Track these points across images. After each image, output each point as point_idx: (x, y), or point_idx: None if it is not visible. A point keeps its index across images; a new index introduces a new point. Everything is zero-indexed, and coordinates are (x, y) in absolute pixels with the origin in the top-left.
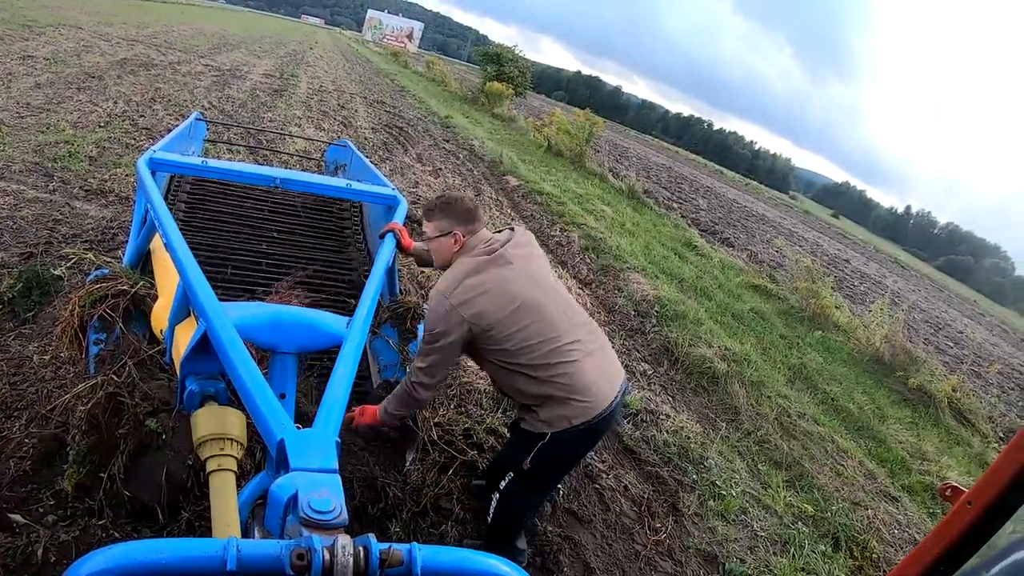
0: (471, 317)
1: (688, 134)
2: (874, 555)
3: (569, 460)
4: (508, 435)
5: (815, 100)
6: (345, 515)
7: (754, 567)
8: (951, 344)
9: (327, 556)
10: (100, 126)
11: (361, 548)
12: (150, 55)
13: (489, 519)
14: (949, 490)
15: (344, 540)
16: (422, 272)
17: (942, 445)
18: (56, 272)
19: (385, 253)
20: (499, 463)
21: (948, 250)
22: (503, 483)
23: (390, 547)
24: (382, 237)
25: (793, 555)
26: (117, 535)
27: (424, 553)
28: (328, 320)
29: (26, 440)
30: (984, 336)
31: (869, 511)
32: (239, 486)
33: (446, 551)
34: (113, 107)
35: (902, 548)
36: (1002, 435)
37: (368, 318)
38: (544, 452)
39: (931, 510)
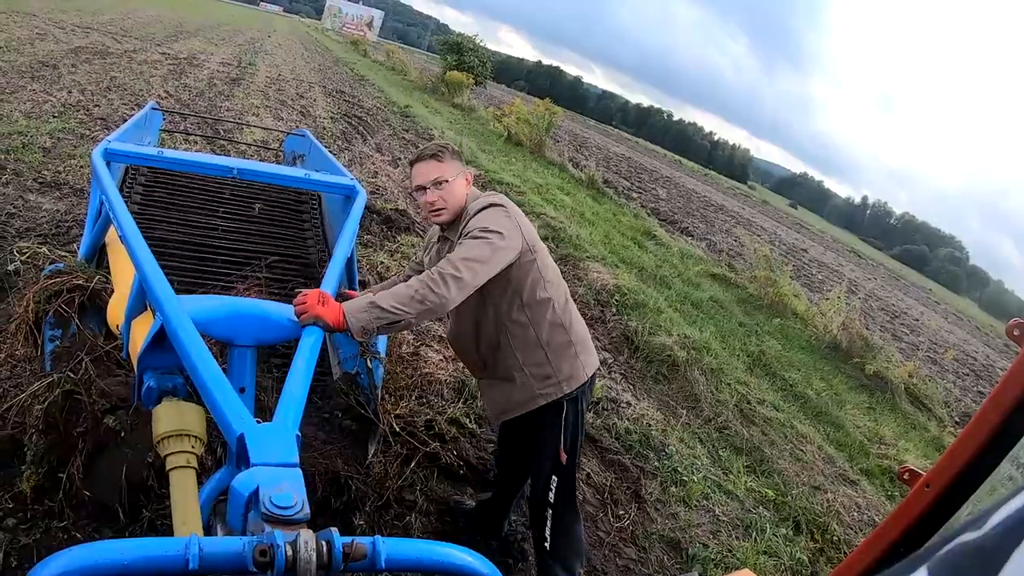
0: (525, 231)
1: (647, 124)
2: (834, 537)
3: (581, 431)
4: (498, 455)
5: (771, 90)
6: (307, 510)
7: (717, 551)
8: (907, 331)
9: (290, 552)
10: (54, 116)
11: (324, 543)
12: (105, 43)
13: (548, 545)
14: (908, 473)
15: (307, 535)
16: (382, 262)
17: (899, 429)
18: (10, 267)
19: (344, 244)
20: (536, 482)
21: (904, 240)
22: (551, 494)
23: (353, 541)
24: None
25: (755, 539)
26: (78, 536)
27: (388, 546)
28: (287, 312)
29: None
30: (940, 323)
31: (829, 495)
32: (200, 483)
33: (410, 543)
34: (67, 96)
35: (861, 530)
36: (958, 419)
37: None
38: (570, 424)
39: (889, 493)
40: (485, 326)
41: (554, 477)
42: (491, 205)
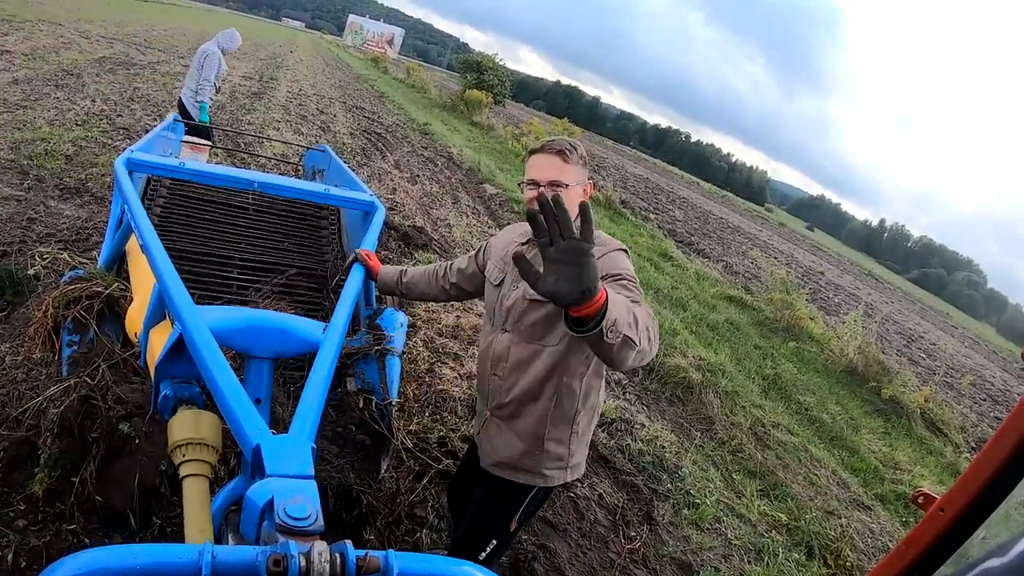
0: None
1: (665, 145)
2: (847, 563)
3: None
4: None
5: (789, 112)
6: (321, 522)
7: (729, 575)
8: (924, 356)
9: (303, 562)
10: (77, 124)
11: (338, 555)
12: (129, 54)
13: None
14: (922, 497)
15: (321, 547)
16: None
17: (915, 455)
18: (30, 272)
19: None
20: (474, 536)
21: (922, 263)
22: (483, 554)
23: (367, 554)
24: (350, 267)
25: (767, 563)
26: (88, 541)
27: (400, 560)
28: (305, 326)
29: None
30: (957, 348)
31: (842, 520)
32: (212, 492)
33: (422, 558)
34: (91, 105)
35: (875, 556)
36: (974, 445)
37: (345, 324)
38: (538, 501)
39: (904, 519)
40: (540, 371)
41: (494, 541)
42: (623, 251)
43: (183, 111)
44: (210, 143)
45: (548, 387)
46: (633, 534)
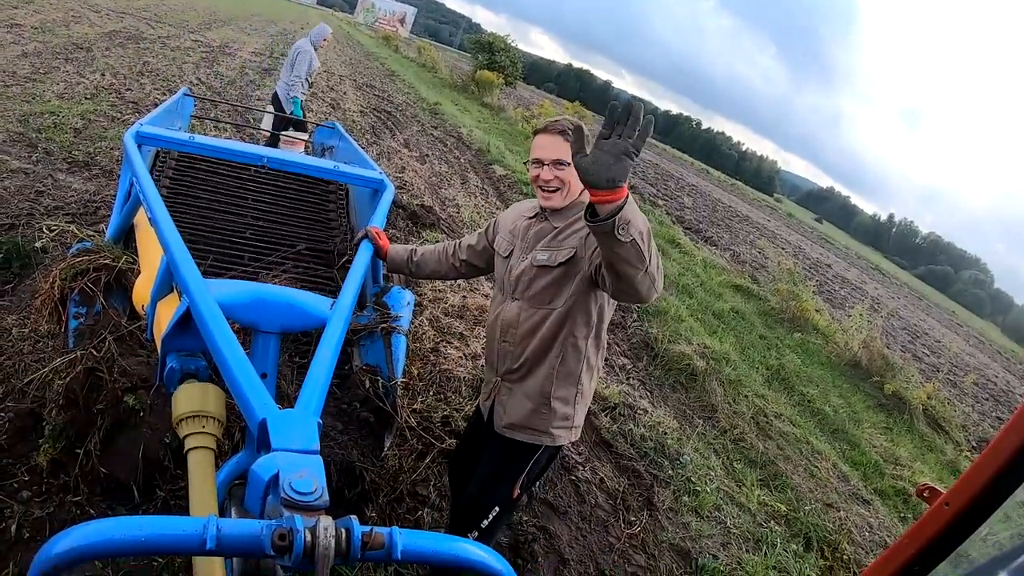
0: None
1: (676, 132)
2: (845, 556)
3: (543, 477)
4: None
5: (799, 103)
6: (326, 497)
7: (726, 563)
8: (928, 352)
9: (309, 537)
10: (86, 98)
11: (343, 530)
12: (139, 28)
13: None
14: (927, 491)
15: (326, 521)
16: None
17: (915, 451)
18: (37, 244)
19: None
20: (477, 502)
21: (929, 260)
22: (486, 521)
23: (372, 530)
24: (358, 244)
25: (765, 553)
26: (92, 512)
27: (404, 537)
28: (312, 301)
29: (1, 414)
30: (961, 346)
31: (841, 513)
32: (217, 465)
33: (426, 536)
34: (100, 79)
35: (872, 550)
36: (975, 443)
37: (352, 301)
38: (540, 467)
39: (902, 514)
40: (548, 333)
41: (497, 507)
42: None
43: (277, 104)
44: (306, 136)
45: (555, 346)
46: (633, 519)
